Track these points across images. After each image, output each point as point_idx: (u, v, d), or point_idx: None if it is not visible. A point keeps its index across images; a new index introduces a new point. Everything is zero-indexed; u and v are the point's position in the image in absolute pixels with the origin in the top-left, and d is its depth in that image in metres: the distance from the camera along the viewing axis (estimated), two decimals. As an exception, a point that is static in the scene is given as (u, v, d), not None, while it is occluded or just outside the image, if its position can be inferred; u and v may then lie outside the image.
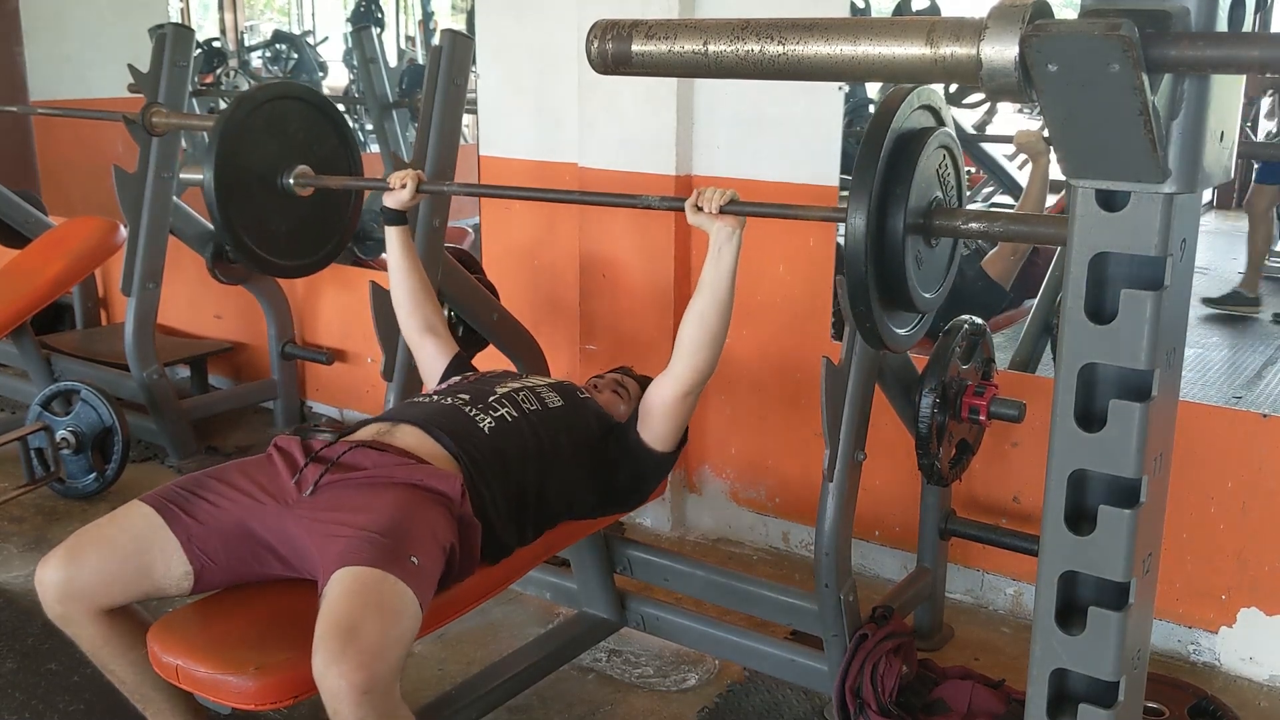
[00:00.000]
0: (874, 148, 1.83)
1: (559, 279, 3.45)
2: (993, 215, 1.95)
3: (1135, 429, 1.22)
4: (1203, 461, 2.61)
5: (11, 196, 4.36)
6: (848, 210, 1.82)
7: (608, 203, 2.42)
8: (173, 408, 3.78)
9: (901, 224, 1.83)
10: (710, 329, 2.13)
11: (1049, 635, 1.32)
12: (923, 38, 1.14)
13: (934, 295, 2.04)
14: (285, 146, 2.79)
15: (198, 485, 2.00)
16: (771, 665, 2.51)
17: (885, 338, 1.97)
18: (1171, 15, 1.09)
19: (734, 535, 3.38)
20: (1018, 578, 2.92)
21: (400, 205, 2.51)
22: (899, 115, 1.87)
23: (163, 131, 3.60)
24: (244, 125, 2.73)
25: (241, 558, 1.94)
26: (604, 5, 3.00)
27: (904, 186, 1.83)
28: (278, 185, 2.78)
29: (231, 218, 2.72)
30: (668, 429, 2.25)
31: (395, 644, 1.70)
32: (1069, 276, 1.23)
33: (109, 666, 1.98)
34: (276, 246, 2.86)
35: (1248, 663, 2.66)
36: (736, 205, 2.07)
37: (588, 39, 1.35)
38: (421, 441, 2.09)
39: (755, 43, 1.24)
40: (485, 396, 2.22)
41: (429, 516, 1.92)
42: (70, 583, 1.87)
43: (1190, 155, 1.16)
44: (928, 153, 1.88)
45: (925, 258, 1.96)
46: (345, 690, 1.63)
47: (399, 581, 1.76)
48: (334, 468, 2.00)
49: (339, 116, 2.95)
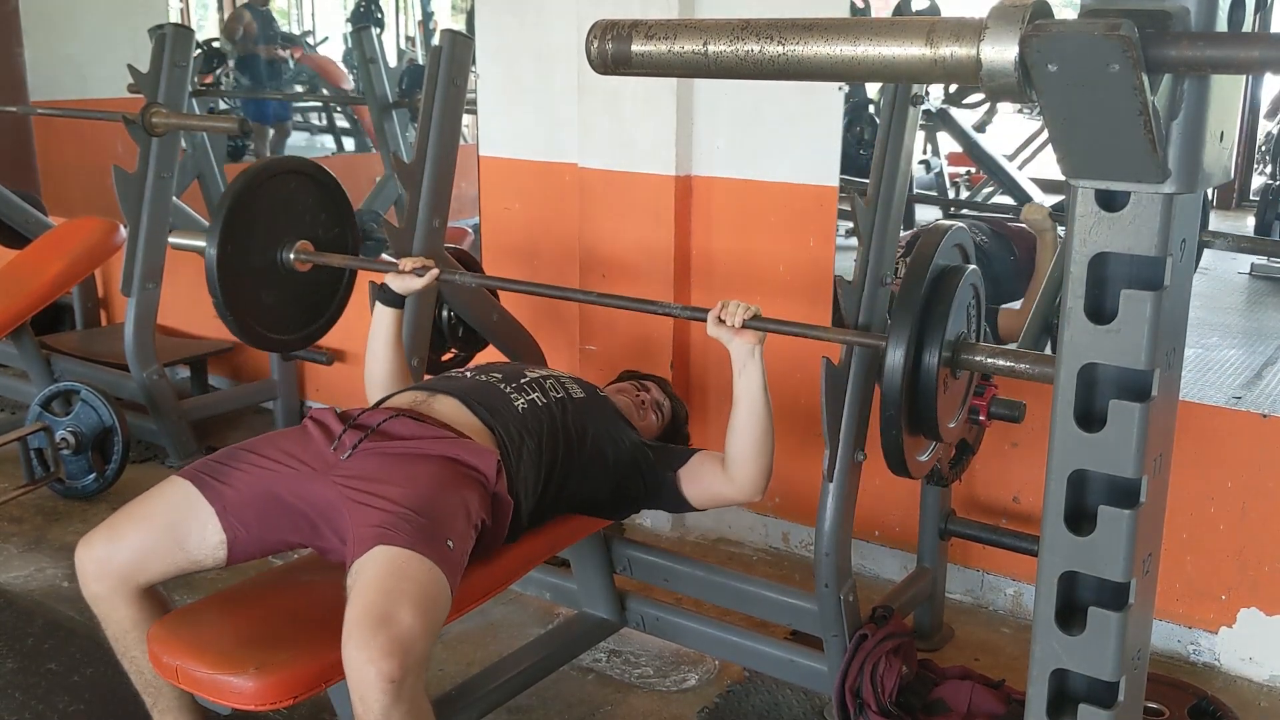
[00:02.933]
0: (916, 284, 1.92)
1: (559, 279, 3.45)
2: (1014, 354, 2.02)
3: (1135, 429, 1.21)
4: (1203, 461, 2.61)
5: (11, 196, 4.36)
6: (888, 342, 1.91)
7: (623, 306, 2.39)
8: (172, 408, 3.78)
9: (937, 358, 1.92)
10: (755, 441, 2.18)
11: (1049, 635, 1.32)
12: (923, 38, 1.14)
13: (953, 425, 2.12)
14: (286, 221, 2.74)
15: (231, 456, 2.02)
16: (771, 665, 2.51)
17: (909, 465, 2.07)
18: (1171, 15, 1.09)
19: (734, 535, 3.38)
20: (1018, 578, 2.92)
21: (407, 291, 2.46)
22: (939, 253, 1.98)
23: (162, 132, 3.61)
24: (249, 202, 2.68)
25: (274, 525, 1.95)
26: (604, 5, 3.01)
27: (941, 323, 1.92)
28: (277, 259, 2.72)
29: (232, 295, 2.66)
30: (708, 505, 2.33)
31: (427, 634, 1.71)
32: (1069, 276, 1.23)
33: (131, 653, 1.98)
34: (268, 321, 2.80)
35: (1248, 663, 2.66)
36: (759, 321, 2.11)
37: (587, 39, 1.34)
38: (459, 413, 2.10)
39: (755, 43, 1.24)
40: (517, 377, 2.26)
41: (464, 495, 1.93)
42: (109, 560, 1.89)
43: (1190, 155, 1.15)
44: (961, 290, 1.97)
45: (950, 389, 2.04)
46: (374, 678, 1.63)
47: (435, 567, 1.76)
48: (373, 434, 2.01)
49: (340, 192, 2.90)
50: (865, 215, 2.34)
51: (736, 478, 2.21)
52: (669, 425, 2.56)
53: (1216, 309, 5.48)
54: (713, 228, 3.18)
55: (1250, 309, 5.74)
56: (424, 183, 2.86)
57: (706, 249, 3.21)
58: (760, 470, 2.20)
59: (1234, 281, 5.54)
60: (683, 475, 2.28)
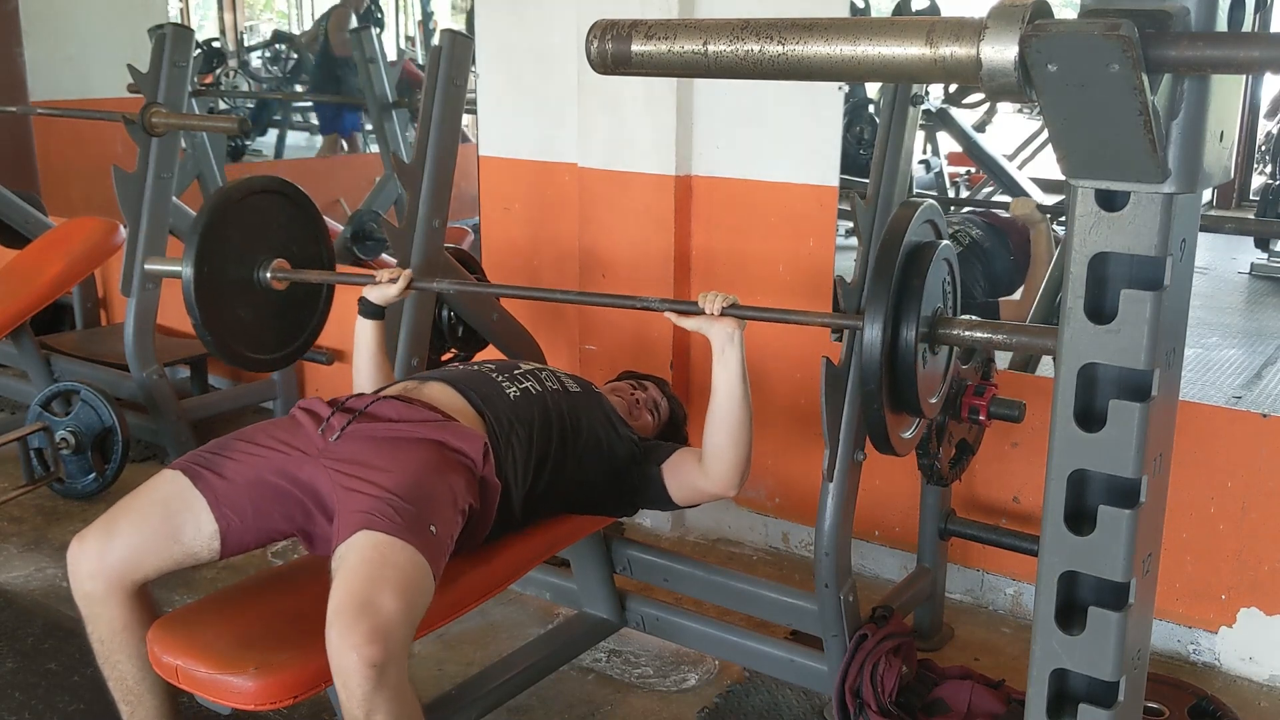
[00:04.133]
0: (888, 261, 1.92)
1: (558, 279, 3.45)
2: (991, 325, 2.02)
3: (1135, 429, 1.22)
4: (1203, 461, 2.61)
5: (11, 197, 4.36)
6: (864, 320, 1.91)
7: (608, 304, 2.41)
8: (172, 408, 3.78)
9: (914, 333, 1.92)
10: (732, 430, 2.14)
11: (1049, 635, 1.32)
12: (922, 38, 1.14)
13: (934, 401, 2.11)
14: (260, 240, 2.68)
15: (223, 446, 2.03)
16: (771, 665, 2.51)
17: (894, 442, 2.05)
18: (1171, 15, 1.09)
19: (734, 535, 3.38)
20: (1018, 578, 2.92)
21: (384, 301, 2.44)
22: (910, 229, 1.97)
23: (162, 132, 3.60)
24: (222, 223, 2.61)
25: (267, 513, 1.96)
26: (604, 5, 3.00)
27: (916, 298, 1.92)
28: (253, 279, 2.66)
29: (211, 316, 2.60)
30: (689, 500, 2.31)
31: (409, 620, 1.72)
32: (1069, 276, 1.23)
33: (115, 658, 1.97)
34: (247, 340, 2.74)
35: (1248, 663, 2.66)
36: (737, 309, 2.10)
37: (587, 39, 1.34)
38: (448, 396, 2.12)
39: (755, 43, 1.24)
40: (511, 369, 2.28)
41: (450, 480, 1.93)
42: (104, 556, 1.88)
43: (1190, 155, 1.15)
44: (935, 265, 1.96)
45: (929, 365, 2.04)
46: (357, 664, 1.64)
47: (417, 553, 1.77)
48: (360, 416, 2.02)
49: (314, 210, 2.82)
50: (865, 215, 2.34)
51: (711, 470, 2.18)
52: (665, 426, 2.56)
53: (1216, 309, 5.48)
54: (713, 228, 3.18)
55: (1250, 309, 5.75)
56: (424, 183, 2.86)
57: (706, 249, 3.20)
58: (734, 462, 2.16)
59: (1234, 281, 5.55)
60: (665, 470, 2.26)
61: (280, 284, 2.69)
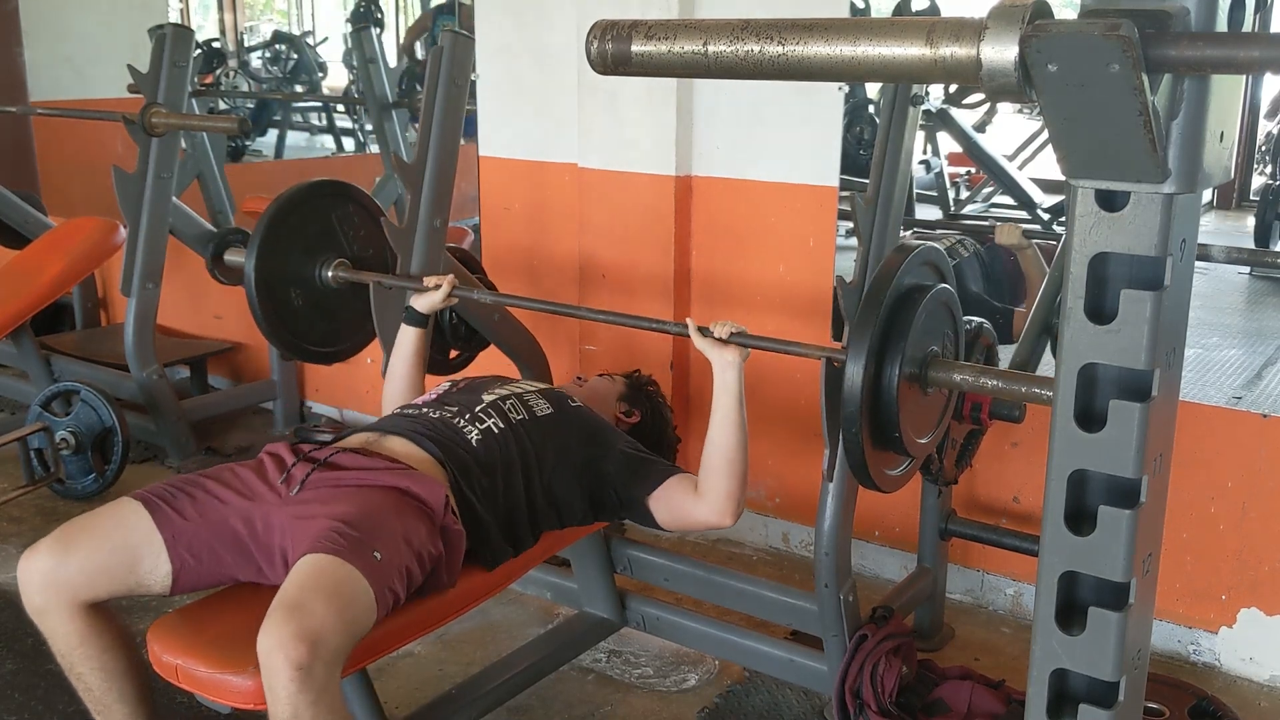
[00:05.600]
0: (876, 300, 1.97)
1: (559, 279, 3.45)
2: (987, 371, 2.02)
3: (1135, 429, 1.21)
4: (1203, 461, 2.61)
5: (11, 196, 4.36)
6: (847, 356, 1.95)
7: (614, 321, 2.46)
8: (172, 408, 3.78)
9: (897, 373, 1.95)
10: (728, 455, 2.13)
11: (1049, 635, 1.32)
12: (922, 38, 1.14)
13: (926, 441, 2.14)
14: (325, 239, 2.97)
15: (188, 484, 2.01)
16: (771, 665, 2.51)
17: (876, 478, 2.08)
18: (1171, 15, 1.09)
19: (734, 535, 3.38)
20: (1018, 578, 2.92)
21: (429, 308, 2.52)
22: (904, 271, 2.01)
23: (162, 132, 3.61)
24: (287, 221, 2.91)
25: (223, 559, 1.94)
26: (604, 5, 3.01)
27: (901, 339, 1.96)
28: (315, 276, 2.96)
29: (271, 307, 2.91)
30: (681, 529, 2.30)
31: (340, 630, 1.70)
32: (1069, 276, 1.23)
33: (77, 669, 1.95)
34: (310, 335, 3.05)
35: (1248, 663, 2.66)
36: (742, 337, 2.14)
37: (587, 39, 1.34)
38: (409, 449, 2.11)
39: (755, 43, 1.24)
40: (473, 406, 2.24)
41: (406, 521, 1.92)
42: (55, 571, 1.86)
43: (1190, 155, 1.15)
44: (927, 308, 2.00)
45: (922, 404, 2.07)
46: (281, 664, 1.63)
47: (355, 570, 1.76)
48: (321, 467, 2.02)
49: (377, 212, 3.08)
50: (865, 215, 2.34)
51: (706, 496, 2.13)
52: (646, 424, 2.53)
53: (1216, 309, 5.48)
54: (713, 228, 3.18)
55: (1250, 309, 5.74)
56: (425, 183, 2.86)
57: (707, 249, 3.20)
58: (729, 490, 2.11)
59: (1234, 281, 5.54)
60: (652, 501, 2.19)
61: (339, 283, 2.95)
